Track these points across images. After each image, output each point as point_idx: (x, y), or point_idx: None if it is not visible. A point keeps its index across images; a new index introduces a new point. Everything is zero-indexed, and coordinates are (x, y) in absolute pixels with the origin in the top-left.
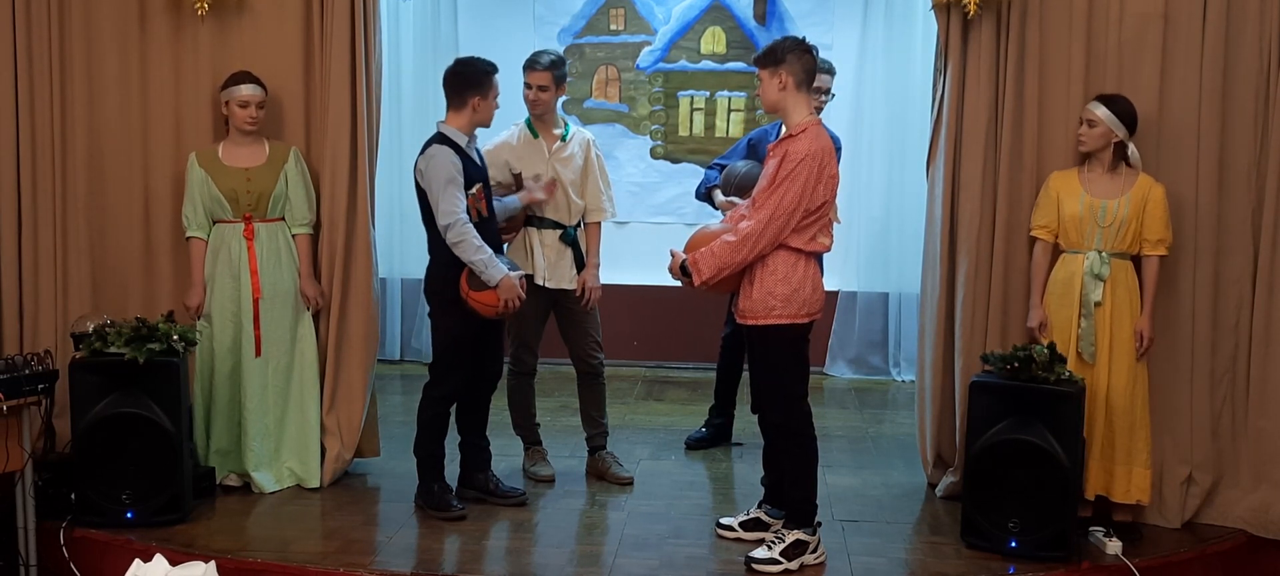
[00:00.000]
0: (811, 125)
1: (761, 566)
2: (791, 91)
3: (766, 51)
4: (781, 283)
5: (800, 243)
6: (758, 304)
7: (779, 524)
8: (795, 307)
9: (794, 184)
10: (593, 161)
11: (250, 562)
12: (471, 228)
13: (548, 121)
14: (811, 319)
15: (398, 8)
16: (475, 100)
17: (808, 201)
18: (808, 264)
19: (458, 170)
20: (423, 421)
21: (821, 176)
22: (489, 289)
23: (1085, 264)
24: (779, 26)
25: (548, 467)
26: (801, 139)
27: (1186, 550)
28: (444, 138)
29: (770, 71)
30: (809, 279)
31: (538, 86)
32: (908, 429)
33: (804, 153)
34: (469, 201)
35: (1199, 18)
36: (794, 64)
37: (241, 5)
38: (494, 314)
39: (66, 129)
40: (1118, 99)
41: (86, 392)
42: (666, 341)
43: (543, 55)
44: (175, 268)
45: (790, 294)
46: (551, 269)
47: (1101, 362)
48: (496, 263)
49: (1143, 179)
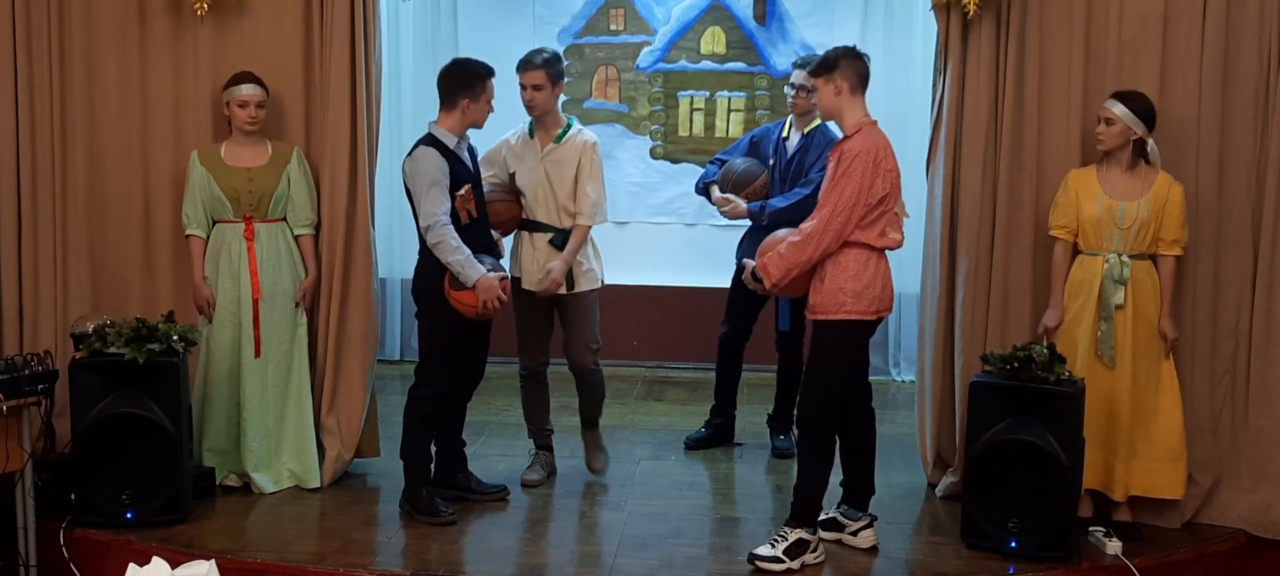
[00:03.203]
0: (866, 124)
1: (765, 564)
2: (847, 95)
3: (821, 62)
4: (853, 278)
5: (870, 238)
6: (828, 298)
7: (856, 522)
8: (866, 304)
9: (851, 180)
10: (584, 167)
11: (250, 562)
12: (451, 229)
13: (547, 122)
14: (880, 316)
15: (398, 8)
16: (465, 102)
17: (867, 196)
18: (879, 260)
19: (443, 172)
20: (410, 423)
21: (878, 170)
22: (468, 289)
23: (1105, 267)
24: (779, 27)
25: (535, 473)
26: (856, 138)
27: (1186, 550)
28: (432, 139)
29: (826, 79)
30: (880, 276)
31: (532, 86)
32: (908, 429)
33: (858, 149)
34: (458, 202)
35: (1199, 18)
36: (847, 70)
37: (241, 5)
38: (475, 314)
39: (66, 129)
40: (1135, 96)
41: (86, 393)
42: (666, 341)
43: (535, 54)
44: (175, 267)
45: (861, 289)
46: (541, 271)
47: (1125, 363)
48: (474, 263)
49: (1162, 178)
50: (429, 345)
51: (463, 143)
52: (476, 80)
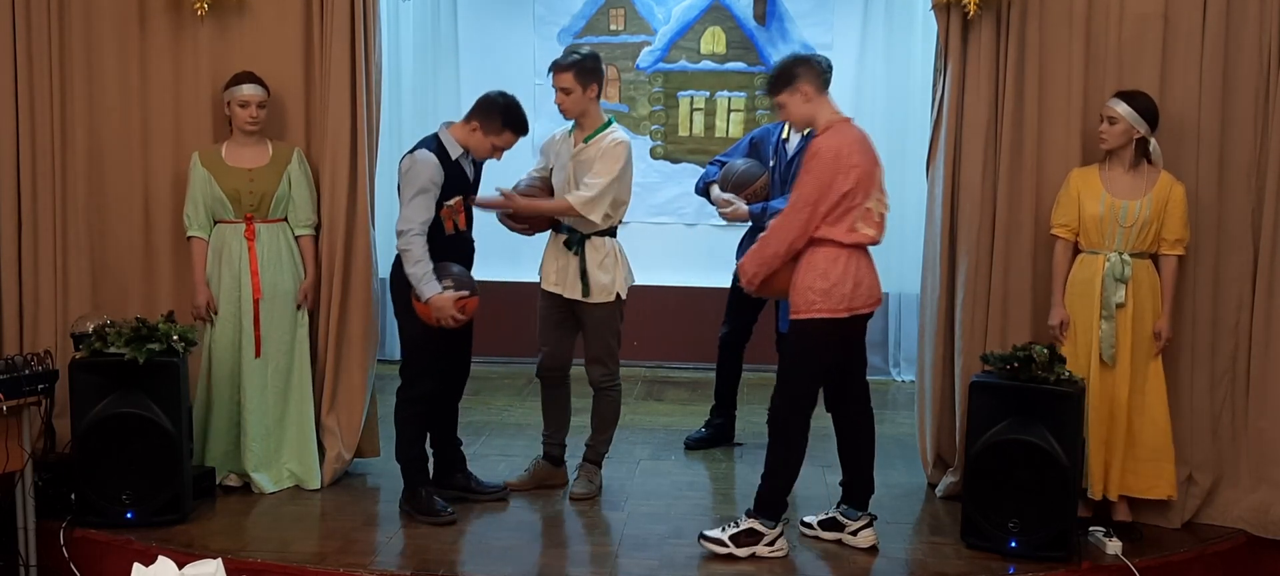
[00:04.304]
0: (837, 122)
1: (708, 543)
2: (814, 99)
3: (779, 79)
4: (821, 277)
5: (838, 234)
6: (799, 298)
7: (856, 522)
8: (835, 302)
9: (812, 176)
10: (590, 165)
11: (250, 562)
12: (421, 241)
13: (583, 122)
14: (854, 314)
15: (398, 8)
16: (476, 125)
17: (829, 192)
18: (850, 258)
19: (434, 183)
20: (401, 425)
21: (841, 166)
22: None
23: (1106, 266)
24: (779, 26)
25: (519, 476)
26: (826, 136)
27: (1186, 550)
28: (437, 143)
29: (790, 92)
30: (850, 274)
31: (561, 88)
32: (908, 429)
33: (821, 147)
34: (444, 213)
35: (1199, 18)
36: (806, 75)
37: (241, 5)
38: (434, 325)
39: (66, 129)
40: (1138, 95)
41: (86, 392)
42: (666, 341)
43: (567, 55)
44: (175, 268)
45: (829, 288)
46: (559, 274)
47: (1124, 362)
48: (431, 279)
49: (1164, 178)
50: (408, 346)
51: (467, 154)
52: (496, 118)
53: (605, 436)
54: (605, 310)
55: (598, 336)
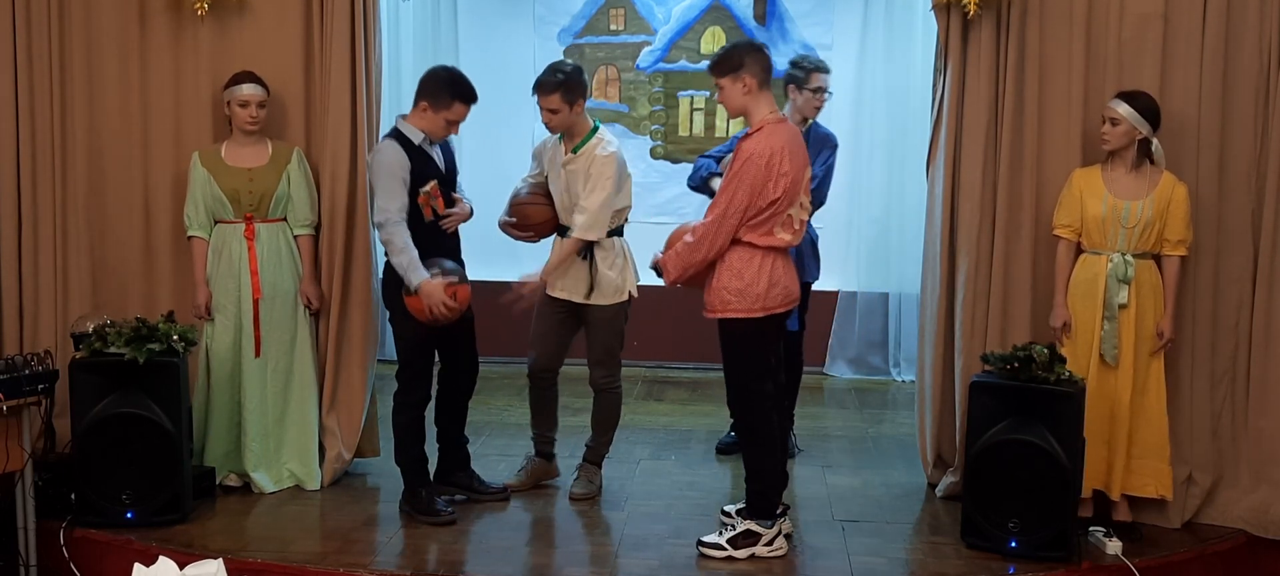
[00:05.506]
0: (768, 123)
1: (708, 550)
2: (754, 93)
3: (723, 59)
4: (735, 277)
5: (755, 238)
6: (714, 297)
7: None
8: (749, 302)
9: (742, 183)
10: (581, 176)
11: (250, 562)
12: (401, 227)
13: (570, 131)
14: (769, 314)
15: (398, 8)
16: (425, 105)
17: (759, 199)
18: (764, 258)
19: (401, 167)
20: (398, 430)
21: (771, 174)
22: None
23: (1109, 266)
24: (779, 26)
25: (516, 476)
26: (754, 138)
27: (1186, 550)
28: (396, 133)
29: (733, 78)
30: (765, 274)
31: (548, 109)
32: (908, 429)
33: (752, 151)
34: (421, 199)
35: (1199, 18)
36: (753, 66)
37: (241, 5)
38: (427, 319)
39: (66, 129)
40: (1140, 95)
41: (86, 392)
42: (666, 341)
43: (549, 77)
44: (175, 267)
45: (744, 288)
46: (562, 277)
47: (1126, 362)
48: (418, 266)
49: (1166, 178)
50: (403, 350)
51: (431, 140)
52: (443, 92)
53: (606, 437)
54: (613, 311)
55: (601, 337)
